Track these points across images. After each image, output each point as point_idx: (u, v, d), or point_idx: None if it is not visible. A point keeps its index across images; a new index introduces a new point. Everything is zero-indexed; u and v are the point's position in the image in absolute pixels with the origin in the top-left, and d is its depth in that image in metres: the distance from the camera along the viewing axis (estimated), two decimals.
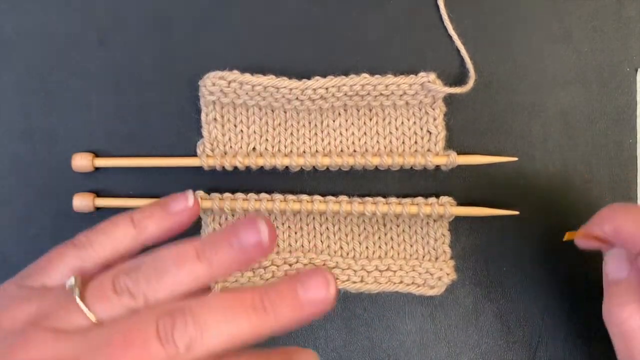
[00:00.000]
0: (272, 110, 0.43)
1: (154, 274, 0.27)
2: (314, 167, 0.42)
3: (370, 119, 0.43)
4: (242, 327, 0.26)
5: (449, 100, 0.43)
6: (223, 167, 0.42)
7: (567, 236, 0.36)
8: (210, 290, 0.31)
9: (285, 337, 0.43)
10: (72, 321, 0.27)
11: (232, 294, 0.27)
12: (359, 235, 0.43)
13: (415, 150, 0.43)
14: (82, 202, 0.43)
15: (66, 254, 0.31)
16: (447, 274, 0.42)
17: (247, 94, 0.42)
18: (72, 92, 0.44)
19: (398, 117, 0.43)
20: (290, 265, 0.42)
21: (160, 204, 0.33)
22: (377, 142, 0.43)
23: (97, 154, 0.44)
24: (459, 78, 0.43)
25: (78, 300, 0.27)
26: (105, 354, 0.25)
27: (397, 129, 0.43)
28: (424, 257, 0.43)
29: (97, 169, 0.43)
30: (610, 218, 0.33)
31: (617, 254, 0.34)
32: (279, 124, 0.43)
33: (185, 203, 0.33)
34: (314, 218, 0.43)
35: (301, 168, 0.42)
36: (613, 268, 0.33)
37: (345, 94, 0.41)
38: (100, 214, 0.43)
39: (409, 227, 0.43)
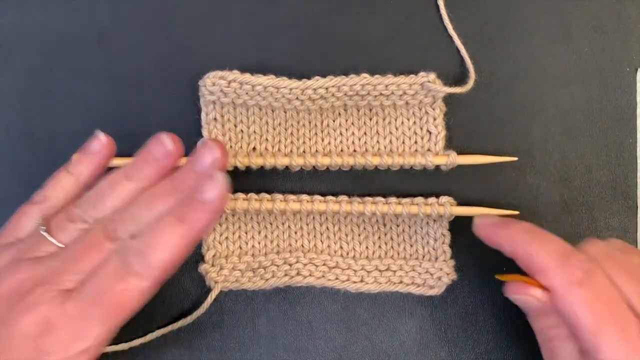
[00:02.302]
0: (272, 110, 0.43)
1: (95, 199, 0.36)
2: (314, 167, 0.42)
3: (370, 119, 0.43)
4: (159, 208, 0.34)
5: (449, 100, 0.43)
6: None
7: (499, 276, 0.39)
8: None
9: (284, 336, 0.43)
10: (44, 250, 0.35)
11: (147, 192, 0.35)
12: (359, 235, 0.43)
13: (415, 150, 0.43)
14: None
15: (29, 211, 0.37)
16: (447, 274, 0.42)
17: (247, 93, 0.42)
18: (72, 92, 0.44)
19: (398, 117, 0.43)
20: (291, 265, 0.42)
21: (82, 150, 0.39)
22: (377, 142, 0.43)
23: None
24: (459, 78, 0.43)
25: (43, 232, 0.35)
26: (72, 260, 0.33)
27: (397, 128, 0.43)
28: (423, 257, 0.43)
29: None
30: (523, 243, 0.35)
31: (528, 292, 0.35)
32: (279, 124, 0.43)
33: (100, 143, 0.38)
34: (314, 218, 0.43)
35: (301, 168, 0.42)
36: (526, 300, 0.35)
37: (345, 94, 0.41)
38: None
39: (409, 227, 0.43)
